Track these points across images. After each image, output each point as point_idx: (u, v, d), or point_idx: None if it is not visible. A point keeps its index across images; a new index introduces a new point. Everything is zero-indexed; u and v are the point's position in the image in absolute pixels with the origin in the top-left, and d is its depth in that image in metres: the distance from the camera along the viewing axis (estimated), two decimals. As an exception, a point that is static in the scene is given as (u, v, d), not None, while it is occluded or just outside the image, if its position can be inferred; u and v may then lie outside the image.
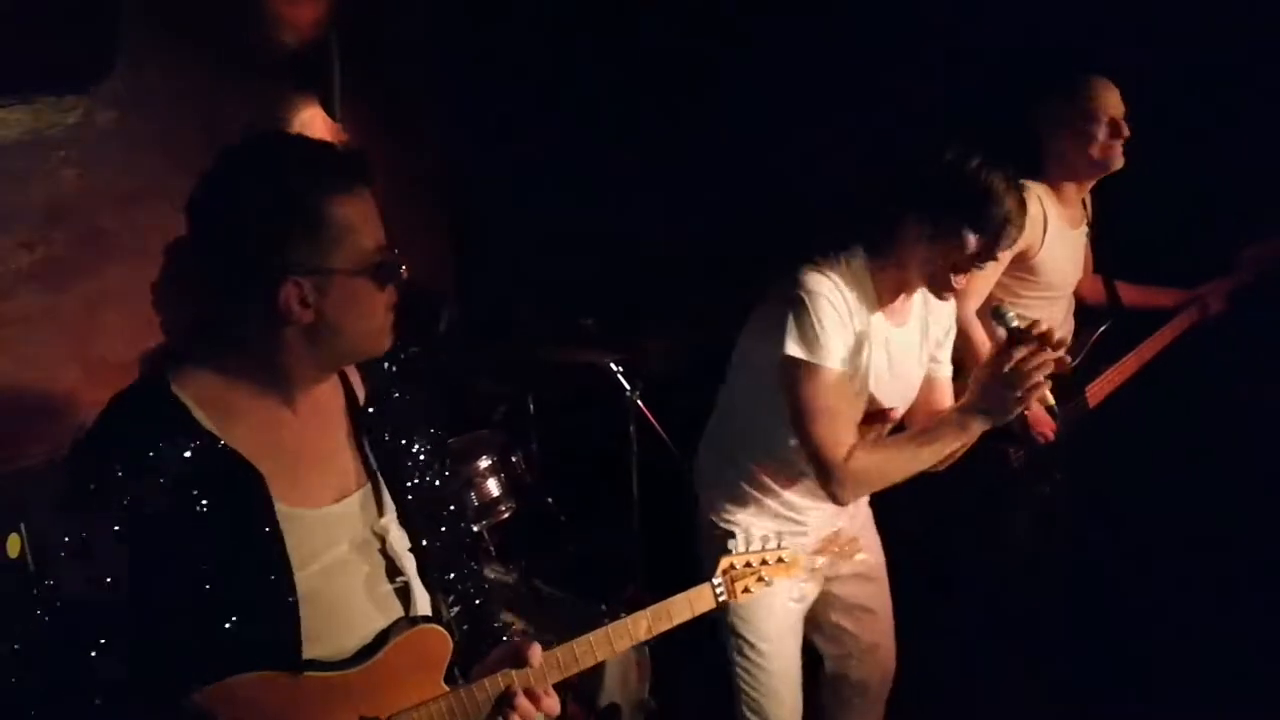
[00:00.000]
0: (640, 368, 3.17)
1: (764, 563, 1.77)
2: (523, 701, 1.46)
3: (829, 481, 1.97)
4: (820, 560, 2.11)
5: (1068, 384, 2.72)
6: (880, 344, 2.04)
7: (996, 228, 1.90)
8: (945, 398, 2.21)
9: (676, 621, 1.67)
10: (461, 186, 3.91)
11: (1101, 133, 2.56)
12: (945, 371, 2.23)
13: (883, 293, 2.03)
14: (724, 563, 1.75)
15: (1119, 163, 2.59)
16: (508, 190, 3.77)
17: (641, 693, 2.55)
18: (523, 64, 3.67)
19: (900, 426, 2.15)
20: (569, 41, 3.60)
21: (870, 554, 2.32)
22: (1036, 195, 2.58)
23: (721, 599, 1.72)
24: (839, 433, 1.96)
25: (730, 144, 3.41)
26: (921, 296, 2.13)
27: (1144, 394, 2.81)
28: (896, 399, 2.11)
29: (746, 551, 1.77)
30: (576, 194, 3.66)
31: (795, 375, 1.96)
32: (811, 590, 2.25)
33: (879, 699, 2.41)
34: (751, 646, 2.17)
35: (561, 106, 3.64)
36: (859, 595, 2.32)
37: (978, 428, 1.91)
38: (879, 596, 2.36)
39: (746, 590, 1.76)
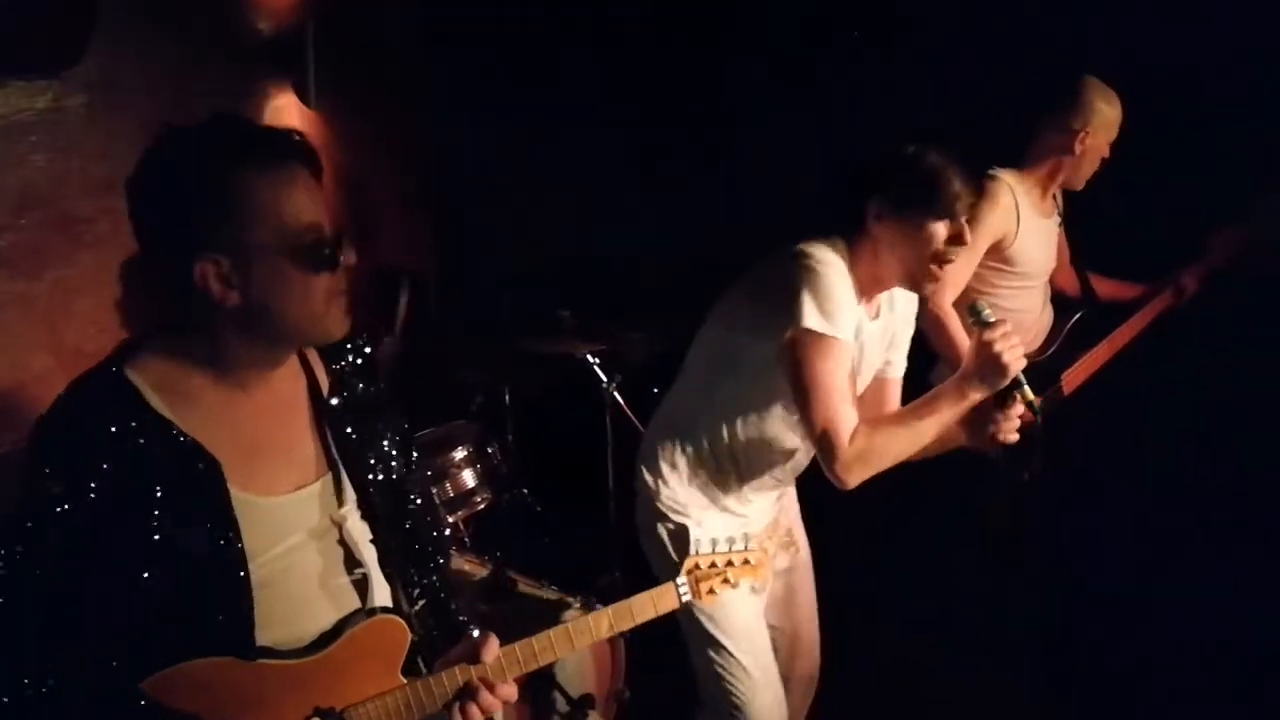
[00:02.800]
0: (617, 360, 3.18)
1: (729, 564, 1.76)
2: (483, 695, 1.45)
3: (834, 462, 1.93)
4: (768, 546, 2.13)
5: (1043, 372, 2.78)
6: (859, 329, 2.05)
7: (952, 206, 1.93)
8: (894, 399, 2.23)
9: (639, 620, 1.67)
10: (441, 177, 3.89)
11: (1103, 153, 2.64)
12: (896, 373, 2.25)
13: (862, 284, 2.04)
14: (688, 563, 1.74)
15: (1083, 184, 2.70)
16: (487, 181, 3.76)
17: (615, 682, 2.57)
18: (505, 53, 3.66)
19: None
20: (552, 31, 3.60)
21: (799, 546, 2.34)
22: (1008, 185, 2.63)
23: (685, 599, 1.71)
24: (845, 412, 1.94)
25: (715, 138, 3.42)
26: (888, 296, 2.15)
27: (1121, 380, 2.85)
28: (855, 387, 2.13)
29: (712, 552, 1.75)
30: (556, 186, 3.65)
31: (810, 349, 1.92)
32: (765, 580, 2.25)
33: (806, 693, 2.41)
34: (725, 647, 2.16)
35: (543, 97, 3.63)
36: (785, 587, 2.33)
37: (975, 394, 1.93)
38: (803, 588, 2.37)
39: (711, 591, 1.74)
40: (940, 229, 1.94)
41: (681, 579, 1.72)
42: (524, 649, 1.53)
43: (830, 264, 1.95)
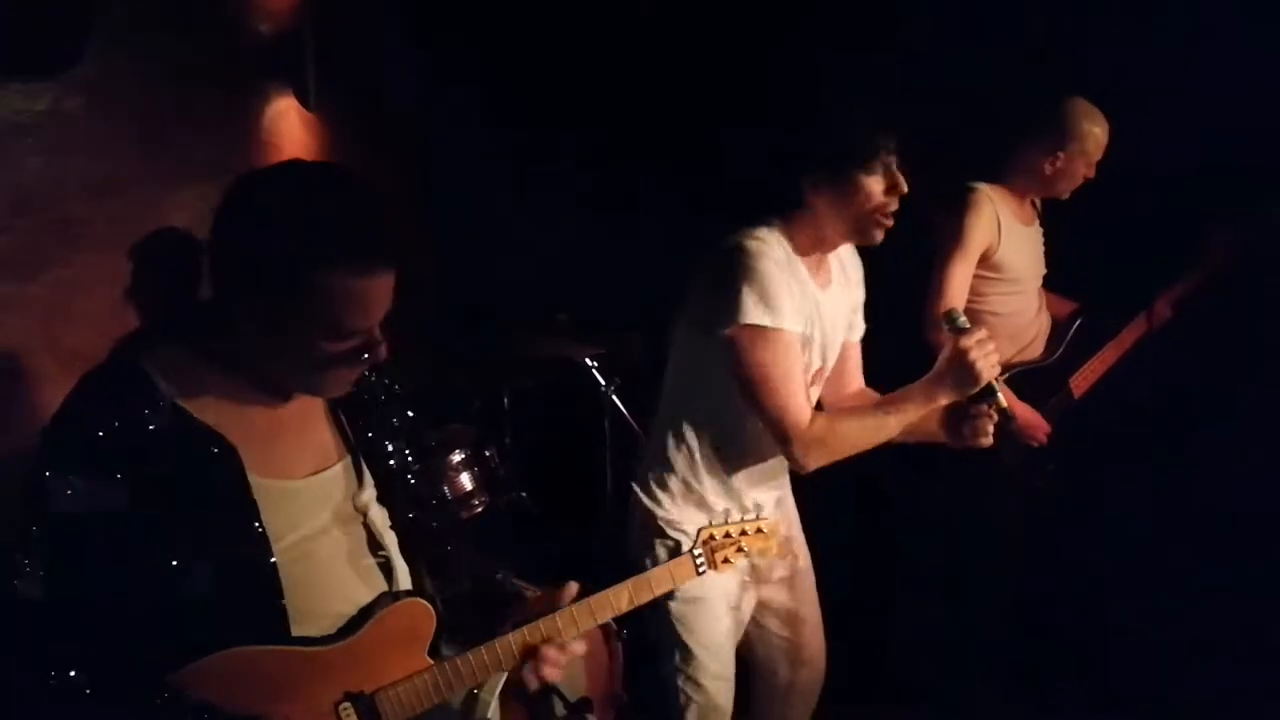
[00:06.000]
0: (616, 362, 3.18)
1: (743, 533, 1.79)
2: (549, 651, 1.51)
3: (791, 447, 1.96)
4: (760, 560, 2.13)
5: (1050, 377, 2.78)
6: (812, 305, 2.05)
7: (877, 153, 1.93)
8: (854, 362, 2.27)
9: (658, 592, 1.69)
10: (439, 179, 3.89)
11: (1084, 172, 2.66)
12: (855, 335, 2.26)
13: (806, 252, 2.04)
14: (704, 534, 1.77)
15: (1066, 195, 2.72)
16: (486, 183, 3.76)
17: (612, 685, 2.56)
18: (503, 54, 3.66)
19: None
20: (549, 31, 3.60)
21: (799, 554, 2.33)
22: (987, 195, 2.67)
23: (702, 569, 1.74)
24: (799, 397, 1.96)
25: (712, 139, 3.42)
26: (838, 261, 2.15)
27: (1133, 384, 2.85)
28: (819, 359, 2.12)
29: (725, 522, 1.79)
30: (554, 187, 3.65)
31: (752, 342, 1.93)
32: (749, 599, 2.26)
33: (808, 702, 2.40)
34: (694, 656, 2.17)
35: (541, 98, 3.63)
36: (785, 596, 2.32)
37: (943, 398, 1.96)
38: (805, 597, 2.35)
39: (726, 560, 1.77)
40: (874, 183, 1.95)
41: (698, 549, 1.75)
42: (547, 624, 1.55)
43: (766, 255, 1.94)
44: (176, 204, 2.73)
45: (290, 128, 3.24)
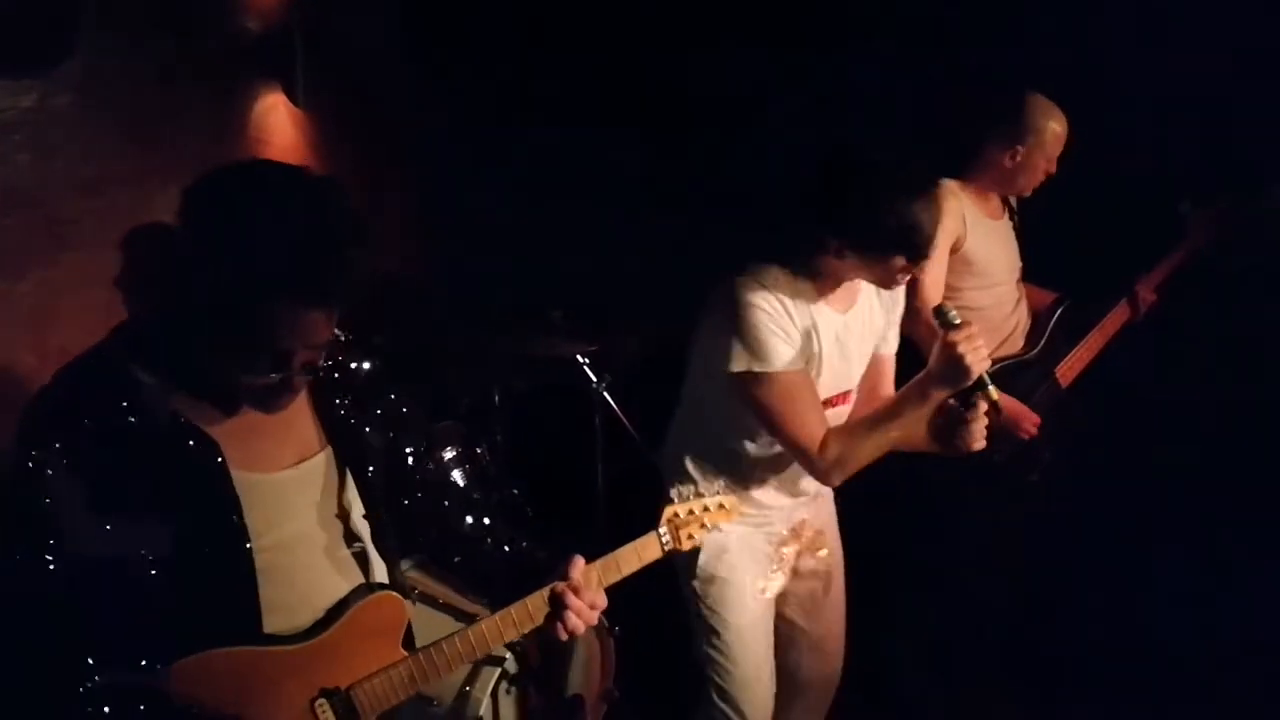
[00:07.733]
0: (608, 360, 3.18)
1: (705, 509, 1.83)
2: (571, 599, 1.53)
3: (813, 470, 2.08)
4: (787, 550, 2.16)
5: (1035, 369, 2.79)
6: (829, 333, 2.09)
7: (925, 247, 1.97)
8: (888, 374, 2.30)
9: (625, 573, 1.70)
10: (431, 175, 3.88)
11: (1045, 168, 2.67)
12: (889, 349, 2.30)
13: (822, 288, 2.08)
14: (667, 512, 1.80)
15: (1029, 191, 2.73)
16: (478, 179, 3.75)
17: (605, 682, 2.56)
18: (497, 52, 3.66)
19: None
20: (535, 33, 3.60)
21: (831, 550, 2.35)
22: (951, 190, 2.70)
23: (668, 547, 1.77)
24: (809, 426, 2.04)
25: (706, 141, 3.44)
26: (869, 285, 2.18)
27: (1126, 372, 2.85)
28: (845, 382, 2.18)
29: (690, 499, 1.83)
30: (545, 186, 3.65)
31: (749, 387, 2.03)
32: (778, 583, 2.29)
33: (823, 697, 2.44)
34: (721, 638, 2.22)
35: (529, 98, 3.63)
36: (814, 590, 2.36)
37: (936, 394, 1.98)
38: (833, 593, 2.39)
39: (690, 537, 1.81)
40: (904, 260, 2.00)
41: (663, 528, 1.77)
42: (518, 610, 1.57)
43: (752, 303, 2.00)
44: (165, 201, 2.67)
45: (279, 124, 3.22)
